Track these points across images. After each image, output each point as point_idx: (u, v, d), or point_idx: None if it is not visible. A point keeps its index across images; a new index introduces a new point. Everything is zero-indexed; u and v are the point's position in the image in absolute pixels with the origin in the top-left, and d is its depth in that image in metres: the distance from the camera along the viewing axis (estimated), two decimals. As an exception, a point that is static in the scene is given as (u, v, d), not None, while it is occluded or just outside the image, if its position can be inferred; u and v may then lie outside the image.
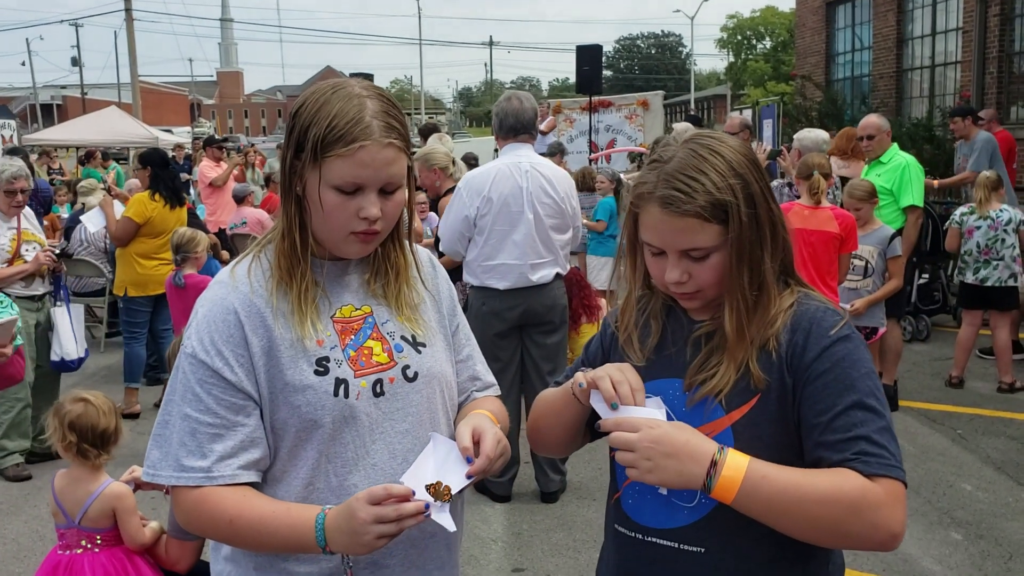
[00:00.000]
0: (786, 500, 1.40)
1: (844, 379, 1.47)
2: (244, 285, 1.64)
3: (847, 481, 1.40)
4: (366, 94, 1.59)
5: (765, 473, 1.41)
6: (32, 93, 61.83)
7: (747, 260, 1.53)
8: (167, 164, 7.20)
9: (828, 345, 1.50)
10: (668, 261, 1.56)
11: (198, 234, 5.98)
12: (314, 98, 1.59)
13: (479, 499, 4.97)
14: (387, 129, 1.57)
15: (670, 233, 1.53)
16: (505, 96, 4.93)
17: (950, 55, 14.65)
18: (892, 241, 5.76)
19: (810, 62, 19.26)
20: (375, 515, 1.46)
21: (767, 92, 45.53)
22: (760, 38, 69.50)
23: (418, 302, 1.76)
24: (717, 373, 1.54)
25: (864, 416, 1.45)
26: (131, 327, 6.73)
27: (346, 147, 1.53)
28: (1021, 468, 5.31)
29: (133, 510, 2.91)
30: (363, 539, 1.47)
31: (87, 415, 2.96)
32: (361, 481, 1.60)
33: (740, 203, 1.51)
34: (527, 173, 4.69)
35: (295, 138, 1.59)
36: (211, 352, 1.58)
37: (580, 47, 13.25)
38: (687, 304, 1.63)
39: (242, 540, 1.58)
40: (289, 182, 1.62)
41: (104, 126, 21.42)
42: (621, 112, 15.22)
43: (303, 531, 1.52)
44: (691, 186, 1.50)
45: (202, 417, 1.57)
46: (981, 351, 7.43)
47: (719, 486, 1.41)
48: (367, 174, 1.55)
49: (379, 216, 1.58)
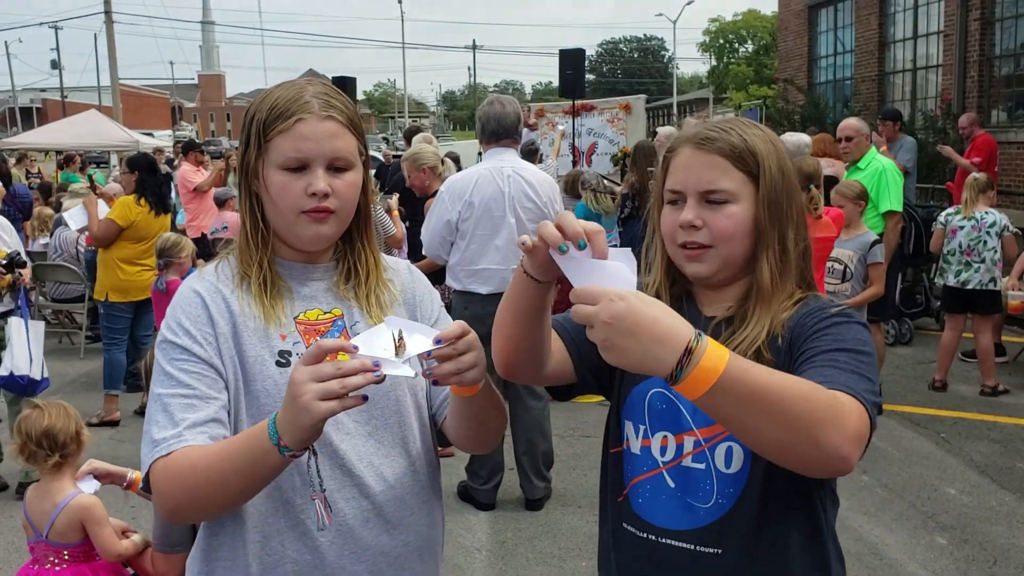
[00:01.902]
0: (768, 395, 1.22)
1: (838, 336, 1.45)
2: (211, 276, 1.67)
3: (823, 388, 1.29)
4: (307, 82, 1.65)
5: (748, 367, 1.23)
6: (11, 96, 61.33)
7: (777, 223, 1.53)
8: (155, 170, 7.13)
9: (827, 317, 1.49)
10: (686, 206, 1.54)
11: (182, 239, 5.95)
12: (261, 94, 1.66)
13: (463, 507, 4.93)
14: (327, 105, 1.59)
15: (696, 169, 1.54)
16: (488, 100, 4.92)
17: (931, 58, 14.73)
18: (873, 247, 5.75)
19: (792, 65, 19.35)
20: (311, 373, 1.32)
21: (749, 96, 45.70)
22: (742, 41, 69.74)
23: (390, 302, 1.73)
24: (750, 325, 1.51)
25: (847, 360, 1.39)
26: (111, 333, 6.65)
27: (284, 122, 1.57)
28: (1005, 472, 5.31)
29: (103, 520, 2.85)
30: (300, 401, 1.31)
31: (33, 417, 2.95)
32: (327, 482, 1.58)
33: (772, 163, 1.53)
34: (509, 178, 4.68)
35: (244, 134, 1.64)
36: (179, 332, 1.59)
37: (563, 51, 13.24)
38: (693, 265, 1.56)
39: (206, 483, 1.46)
40: (245, 179, 1.65)
41: (84, 129, 21.21)
42: (603, 116, 15.20)
43: (259, 435, 1.42)
44: (726, 130, 1.55)
45: (174, 391, 1.55)
46: (964, 354, 7.46)
47: (690, 378, 1.20)
48: (309, 147, 1.57)
49: (327, 191, 1.57)
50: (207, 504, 1.50)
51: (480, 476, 4.90)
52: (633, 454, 1.62)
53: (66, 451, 2.93)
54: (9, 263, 5.20)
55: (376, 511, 1.62)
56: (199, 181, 10.59)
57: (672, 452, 1.57)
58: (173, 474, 1.49)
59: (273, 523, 1.59)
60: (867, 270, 5.76)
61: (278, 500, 1.59)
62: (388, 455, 1.65)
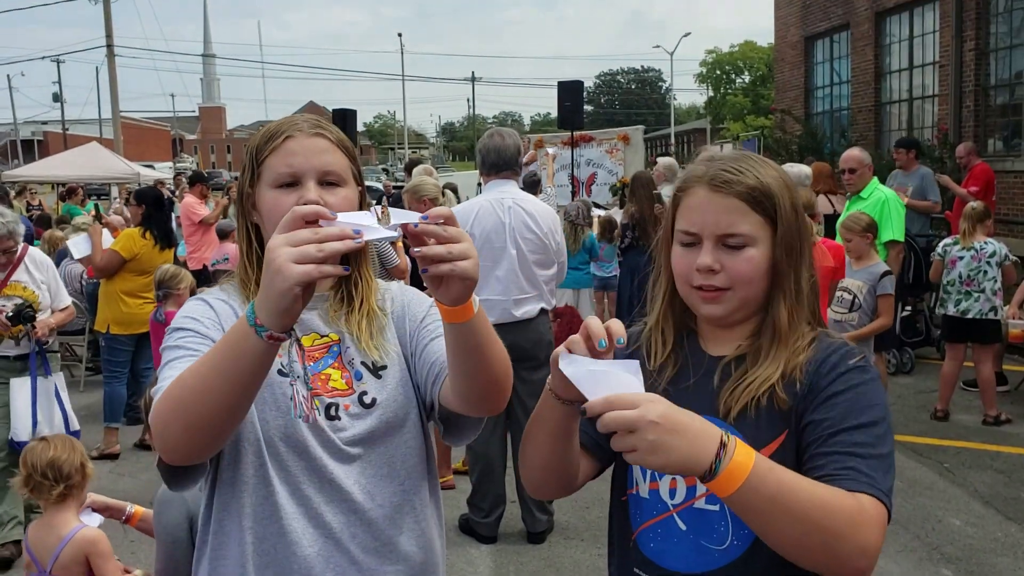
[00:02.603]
0: (791, 498, 1.26)
1: (855, 402, 1.45)
2: (218, 293, 1.71)
3: (844, 494, 1.33)
4: (300, 113, 1.72)
5: (772, 465, 1.28)
6: (13, 129, 61.68)
7: (793, 263, 1.53)
8: (162, 204, 7.17)
9: (845, 371, 1.48)
10: (702, 249, 1.53)
11: (181, 271, 5.96)
12: (259, 131, 1.70)
13: (465, 540, 4.90)
14: (315, 126, 1.65)
15: (713, 213, 1.52)
16: (488, 133, 4.95)
17: (927, 88, 14.84)
18: (883, 279, 5.75)
19: (789, 96, 19.47)
20: (285, 239, 1.26)
21: (746, 126, 45.98)
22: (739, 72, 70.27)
23: (384, 325, 1.73)
24: (764, 364, 1.50)
25: (865, 439, 1.41)
26: (112, 366, 6.63)
27: (274, 142, 1.62)
28: (1009, 502, 5.29)
29: (108, 555, 2.84)
30: (274, 265, 1.24)
31: (38, 449, 2.95)
32: (314, 495, 1.60)
33: (786, 204, 1.53)
34: (510, 209, 4.69)
35: (242, 166, 1.69)
36: (184, 322, 1.62)
37: (562, 83, 13.30)
38: (708, 307, 1.55)
39: (190, 390, 1.37)
40: (243, 208, 1.68)
41: (85, 162, 21.31)
42: (602, 147, 15.29)
43: (237, 324, 1.35)
44: (741, 170, 1.53)
45: (181, 355, 1.55)
46: (965, 383, 7.44)
47: (726, 472, 1.24)
48: (298, 161, 1.60)
49: (319, 201, 1.56)
50: (194, 417, 1.37)
51: (482, 509, 4.87)
52: (642, 498, 1.60)
53: (71, 482, 2.92)
54: (16, 315, 4.78)
55: (364, 526, 1.63)
56: (205, 214, 10.63)
57: (682, 494, 1.54)
58: (163, 397, 1.43)
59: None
60: (876, 301, 5.76)
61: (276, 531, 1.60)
62: (376, 475, 1.65)
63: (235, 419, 1.42)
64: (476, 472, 4.88)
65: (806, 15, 18.58)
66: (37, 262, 5.06)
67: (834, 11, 17.36)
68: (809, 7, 18.40)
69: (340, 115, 14.51)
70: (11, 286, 4.90)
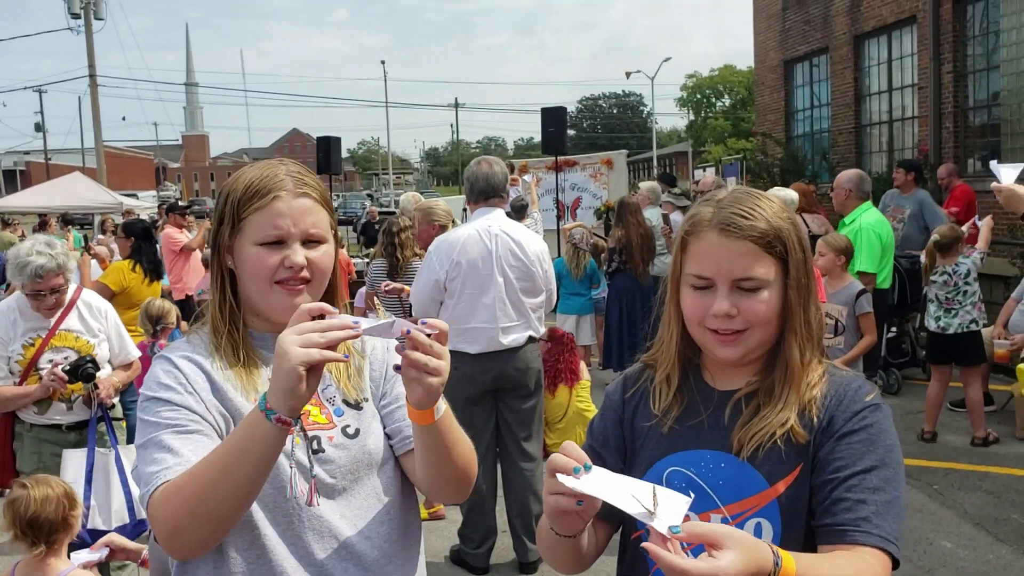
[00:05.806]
0: None
1: (869, 443, 1.48)
2: (185, 346, 1.70)
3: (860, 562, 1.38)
4: (279, 162, 1.71)
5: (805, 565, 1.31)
6: (-6, 159, 61.40)
7: (803, 300, 1.54)
8: (151, 237, 7.15)
9: (861, 409, 1.51)
10: (717, 293, 1.52)
11: (166, 303, 6.03)
12: (235, 174, 1.71)
13: (456, 572, 4.85)
14: (300, 183, 1.65)
15: (727, 258, 1.51)
16: (476, 160, 4.96)
17: (907, 110, 14.98)
18: (859, 298, 5.77)
19: (770, 119, 19.62)
20: (293, 330, 1.39)
21: (728, 149, 46.29)
22: (719, 96, 70.88)
23: (361, 366, 1.77)
24: (776, 410, 1.51)
25: (879, 483, 1.44)
26: (96, 399, 6.53)
27: (261, 200, 1.62)
28: (1000, 523, 5.28)
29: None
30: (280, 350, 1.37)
31: (20, 500, 2.87)
32: (302, 529, 1.60)
33: (795, 243, 1.54)
34: (496, 237, 4.68)
35: (218, 211, 1.67)
36: (157, 390, 1.60)
37: (545, 109, 13.36)
38: (724, 349, 1.55)
39: (201, 484, 1.42)
40: (217, 256, 1.68)
41: (68, 191, 21.21)
42: (586, 171, 15.39)
43: (250, 414, 1.43)
44: (752, 213, 1.53)
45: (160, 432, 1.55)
46: (952, 404, 7.46)
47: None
48: (286, 223, 1.62)
49: (304, 264, 1.62)
50: (206, 510, 1.42)
51: (473, 540, 4.83)
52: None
53: (52, 538, 2.87)
54: (74, 370, 3.91)
55: (354, 560, 1.64)
56: (185, 241, 10.59)
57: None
58: (172, 491, 1.46)
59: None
60: (858, 321, 5.77)
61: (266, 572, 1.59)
62: (362, 507, 1.67)
63: (244, 509, 1.49)
64: (466, 503, 4.84)
65: (785, 39, 18.76)
66: (93, 308, 4.19)
67: (813, 35, 17.54)
68: (788, 31, 18.59)
69: (324, 143, 14.52)
70: (60, 335, 4.03)
